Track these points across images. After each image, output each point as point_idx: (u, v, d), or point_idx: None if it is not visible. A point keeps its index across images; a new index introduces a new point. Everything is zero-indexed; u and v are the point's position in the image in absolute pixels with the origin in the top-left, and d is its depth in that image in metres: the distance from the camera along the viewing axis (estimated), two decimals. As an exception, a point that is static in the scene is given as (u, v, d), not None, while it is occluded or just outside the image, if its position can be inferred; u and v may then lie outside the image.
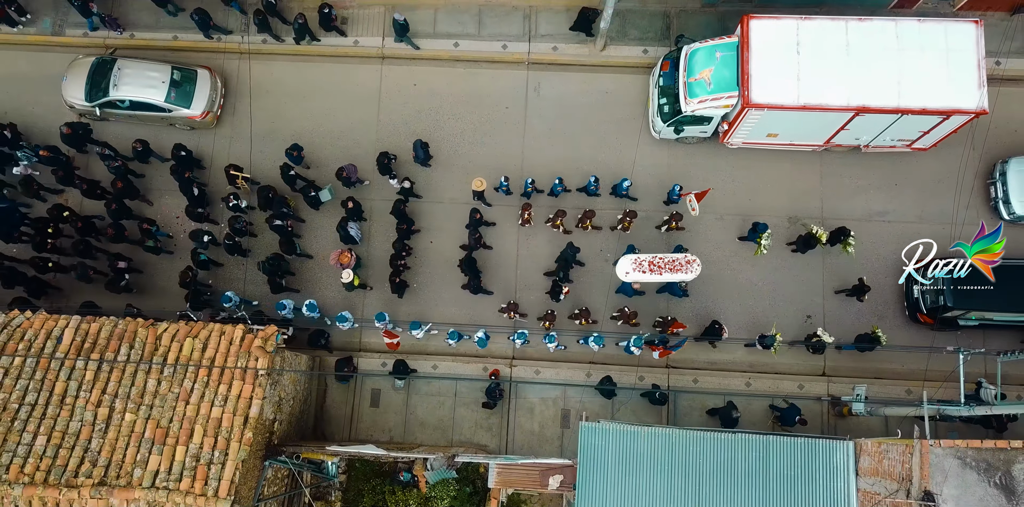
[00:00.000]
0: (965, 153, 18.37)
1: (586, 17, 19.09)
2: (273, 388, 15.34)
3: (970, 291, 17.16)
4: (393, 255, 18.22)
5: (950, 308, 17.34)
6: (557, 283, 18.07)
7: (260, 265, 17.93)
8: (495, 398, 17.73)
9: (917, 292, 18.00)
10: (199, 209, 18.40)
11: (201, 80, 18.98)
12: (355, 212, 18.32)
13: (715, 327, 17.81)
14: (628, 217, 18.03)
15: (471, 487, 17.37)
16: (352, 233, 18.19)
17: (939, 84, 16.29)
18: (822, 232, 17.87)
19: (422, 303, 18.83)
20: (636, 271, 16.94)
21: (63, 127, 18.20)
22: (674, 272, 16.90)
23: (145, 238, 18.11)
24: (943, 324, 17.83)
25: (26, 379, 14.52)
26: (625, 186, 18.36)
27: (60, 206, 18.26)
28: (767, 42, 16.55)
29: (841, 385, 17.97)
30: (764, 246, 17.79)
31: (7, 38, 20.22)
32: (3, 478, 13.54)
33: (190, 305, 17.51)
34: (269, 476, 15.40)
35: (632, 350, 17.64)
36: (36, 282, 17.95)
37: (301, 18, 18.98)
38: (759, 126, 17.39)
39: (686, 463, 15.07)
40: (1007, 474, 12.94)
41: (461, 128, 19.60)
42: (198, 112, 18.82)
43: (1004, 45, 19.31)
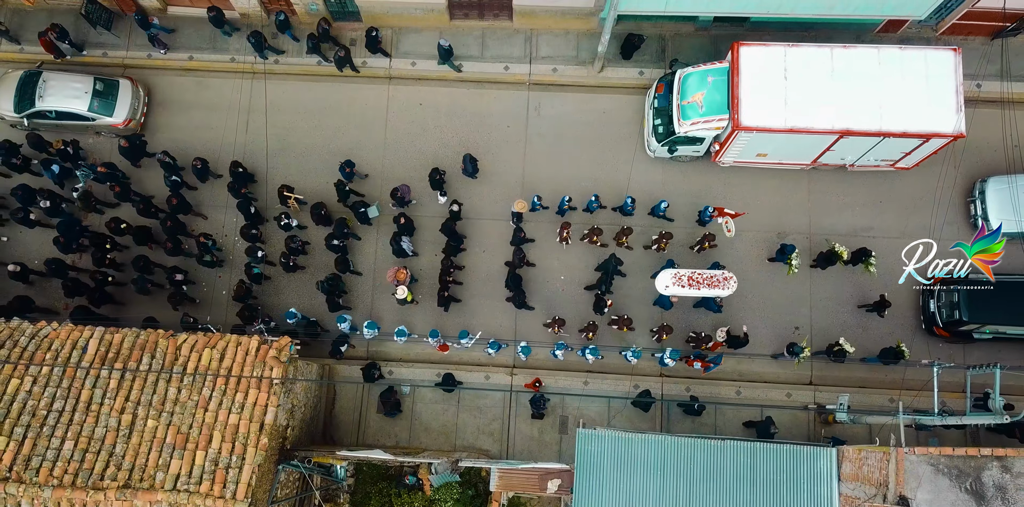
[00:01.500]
0: (946, 172, 19.31)
1: (632, 43, 19.94)
2: (287, 396, 16.19)
3: (985, 306, 18.04)
4: (442, 271, 18.98)
5: (966, 322, 18.11)
6: (600, 296, 18.80)
7: (319, 285, 18.74)
8: (541, 407, 18.51)
9: (934, 306, 18.80)
10: (254, 230, 19.19)
11: (123, 90, 19.83)
12: (407, 228, 19.08)
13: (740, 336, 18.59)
14: (664, 238, 18.84)
15: (473, 490, 18.19)
16: (404, 247, 18.93)
17: (919, 108, 17.16)
18: (843, 249, 18.68)
19: (466, 315, 19.53)
20: (675, 285, 17.62)
21: (121, 140, 19.10)
22: (712, 288, 17.62)
23: (202, 252, 18.92)
24: (958, 337, 18.63)
25: (54, 387, 15.34)
26: (663, 207, 19.12)
27: (118, 219, 19.09)
28: (756, 68, 17.42)
29: (827, 394, 18.81)
30: (795, 266, 18.64)
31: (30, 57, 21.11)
32: (33, 480, 14.36)
33: (241, 317, 18.41)
34: (282, 479, 16.23)
35: (666, 362, 18.45)
36: (98, 292, 18.80)
37: (342, 51, 19.86)
38: (749, 147, 18.26)
39: (678, 468, 15.85)
40: (977, 480, 13.78)
41: (465, 146, 20.45)
42: (120, 120, 19.68)
43: (984, 68, 20.25)
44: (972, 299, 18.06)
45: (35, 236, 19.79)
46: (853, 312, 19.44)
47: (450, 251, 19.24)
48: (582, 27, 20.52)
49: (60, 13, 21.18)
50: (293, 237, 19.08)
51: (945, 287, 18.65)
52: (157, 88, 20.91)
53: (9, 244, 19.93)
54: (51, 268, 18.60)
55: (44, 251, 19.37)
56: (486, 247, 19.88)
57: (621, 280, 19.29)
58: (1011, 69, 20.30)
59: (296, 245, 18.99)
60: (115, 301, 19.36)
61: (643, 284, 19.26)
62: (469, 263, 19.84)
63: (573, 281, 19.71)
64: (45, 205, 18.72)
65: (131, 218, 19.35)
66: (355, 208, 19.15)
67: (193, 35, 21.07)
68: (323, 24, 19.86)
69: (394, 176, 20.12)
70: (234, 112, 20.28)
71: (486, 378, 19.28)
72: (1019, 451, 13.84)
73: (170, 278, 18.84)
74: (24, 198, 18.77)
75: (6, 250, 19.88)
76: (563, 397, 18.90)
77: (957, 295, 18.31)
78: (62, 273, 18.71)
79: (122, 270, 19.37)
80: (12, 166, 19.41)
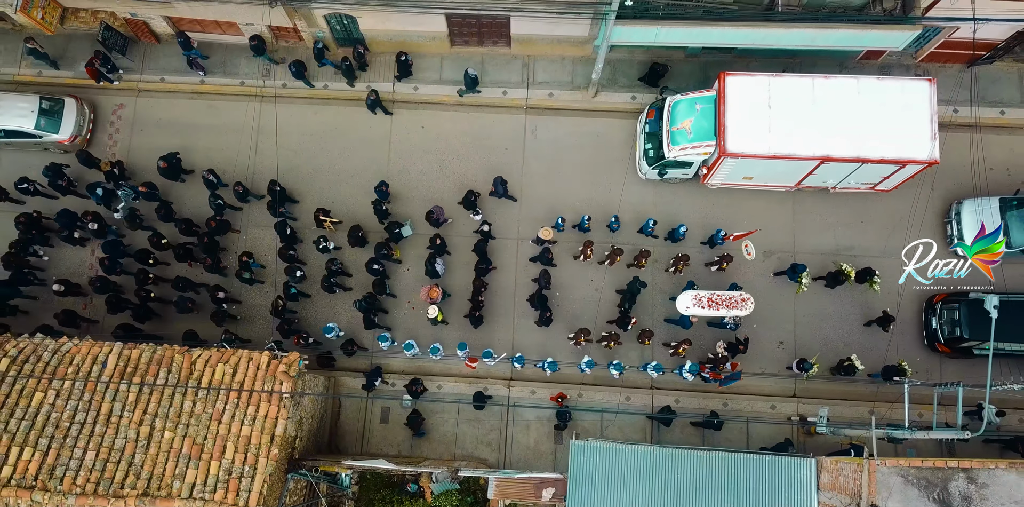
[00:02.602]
0: (924, 194, 20.23)
1: (656, 71, 20.76)
2: (296, 408, 17.07)
3: (985, 323, 18.33)
4: (473, 292, 19.87)
5: (966, 339, 18.95)
6: (625, 313, 19.70)
7: (357, 303, 19.60)
8: (566, 420, 19.41)
9: (936, 323, 19.64)
10: (291, 251, 20.06)
11: (68, 108, 20.78)
12: (441, 248, 19.98)
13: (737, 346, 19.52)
14: (681, 261, 19.70)
15: (472, 497, 19.06)
16: (438, 268, 19.82)
17: (895, 136, 18.06)
18: (850, 269, 19.57)
19: (495, 331, 20.43)
20: (696, 306, 18.49)
21: (159, 162, 20.02)
22: (730, 308, 18.50)
23: (242, 270, 19.79)
24: (959, 353, 19.45)
25: (75, 400, 16.24)
26: (682, 231, 19.99)
27: (158, 234, 20.01)
28: (741, 96, 18.31)
29: (810, 405, 19.69)
30: (805, 285, 19.52)
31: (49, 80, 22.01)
32: (58, 489, 15.26)
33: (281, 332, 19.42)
34: (291, 487, 17.10)
35: (685, 376, 19.39)
36: (141, 309, 19.74)
37: (373, 95, 20.84)
38: (735, 171, 19.18)
39: (666, 478, 16.69)
40: (944, 490, 14.68)
41: (465, 167, 21.37)
42: (66, 137, 20.63)
43: (961, 94, 21.19)
44: (972, 317, 18.82)
45: (74, 253, 20.83)
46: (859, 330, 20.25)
47: (480, 272, 20.12)
48: (577, 53, 21.44)
49: (78, 38, 22.09)
50: (333, 260, 19.94)
51: (947, 305, 19.53)
52: (169, 111, 21.80)
53: (50, 262, 20.83)
54: (96, 286, 19.54)
55: (85, 268, 20.44)
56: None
57: (642, 298, 20.15)
58: (986, 95, 21.27)
59: (336, 267, 19.85)
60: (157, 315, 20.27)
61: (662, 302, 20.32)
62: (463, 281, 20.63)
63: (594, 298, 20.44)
64: (92, 228, 19.67)
65: (171, 236, 20.33)
66: (390, 228, 20.04)
67: (203, 60, 21.95)
68: (359, 47, 20.73)
69: (398, 196, 21.01)
70: (243, 134, 21.14)
71: (484, 390, 20.15)
72: (983, 463, 14.75)
73: (212, 296, 19.71)
74: (66, 222, 19.74)
75: (48, 267, 20.78)
76: (556, 409, 19.79)
77: (958, 313, 19.11)
78: (107, 290, 19.63)
79: (163, 287, 20.26)
80: (59, 188, 20.37)
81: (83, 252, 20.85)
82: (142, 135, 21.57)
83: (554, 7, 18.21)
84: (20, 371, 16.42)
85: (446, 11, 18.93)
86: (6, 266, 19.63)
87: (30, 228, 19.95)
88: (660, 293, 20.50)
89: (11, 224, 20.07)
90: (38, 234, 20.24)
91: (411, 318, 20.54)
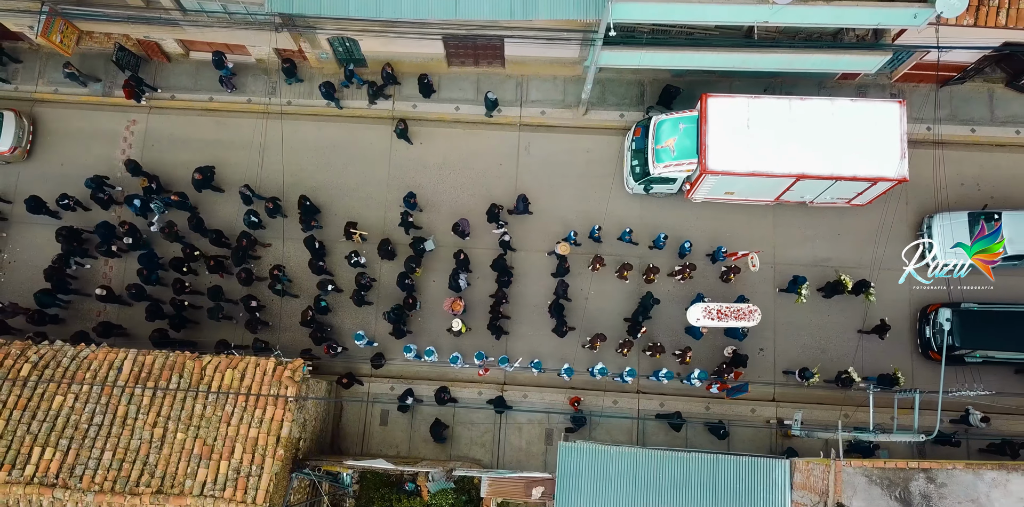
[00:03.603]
0: (898, 208, 21.26)
1: (670, 92, 21.71)
2: (300, 411, 18.12)
3: (975, 333, 19.85)
4: (493, 304, 20.91)
5: (957, 347, 19.94)
6: (637, 323, 20.75)
7: (386, 315, 20.63)
8: (581, 423, 20.50)
9: (929, 333, 20.65)
10: (320, 262, 21.13)
11: (7, 121, 21.80)
12: (465, 263, 21.02)
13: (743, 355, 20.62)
14: (688, 269, 20.85)
15: (467, 496, 20.08)
16: (460, 283, 20.86)
17: (867, 155, 19.08)
18: (848, 279, 20.60)
19: (511, 338, 21.46)
20: (705, 318, 19.45)
21: (195, 174, 21.10)
22: (738, 320, 19.49)
23: (274, 282, 20.83)
24: (952, 361, 20.31)
25: (93, 403, 17.30)
26: (687, 247, 21.10)
27: (192, 246, 21.13)
28: (722, 117, 19.31)
29: (787, 409, 20.72)
30: (804, 296, 20.57)
31: (65, 98, 23.11)
32: (77, 487, 16.31)
33: (313, 339, 20.60)
34: (295, 485, 18.17)
35: (694, 382, 20.41)
36: (176, 317, 20.84)
37: (402, 124, 21.83)
38: (716, 187, 20.22)
39: (649, 478, 17.70)
40: (905, 489, 15.72)
41: (462, 182, 22.42)
42: (6, 148, 21.70)
43: (934, 113, 22.22)
44: (963, 326, 19.84)
45: (114, 263, 21.93)
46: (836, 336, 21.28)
47: (501, 285, 21.14)
48: (568, 73, 22.49)
49: (91, 57, 23.14)
50: (362, 274, 20.99)
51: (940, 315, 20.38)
52: (180, 127, 22.85)
53: (91, 271, 21.95)
54: (133, 295, 20.69)
55: (125, 277, 21.54)
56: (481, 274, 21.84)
57: (655, 310, 21.17)
58: (958, 114, 22.33)
59: (365, 281, 20.89)
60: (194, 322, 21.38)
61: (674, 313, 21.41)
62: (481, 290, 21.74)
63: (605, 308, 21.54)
64: (128, 241, 20.80)
65: (203, 246, 21.47)
66: (414, 244, 21.08)
67: (212, 78, 22.96)
68: (387, 68, 21.78)
69: (396, 207, 22.05)
70: (250, 149, 22.15)
71: (479, 394, 21.21)
72: (941, 464, 15.80)
73: (246, 305, 20.77)
74: (104, 234, 20.86)
75: (89, 277, 21.89)
76: (548, 410, 20.85)
77: (950, 322, 20.04)
78: (143, 299, 20.80)
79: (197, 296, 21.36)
80: (100, 201, 21.48)
81: (97, 262, 21.92)
82: (153, 150, 22.61)
83: (546, 32, 19.24)
84: (41, 376, 17.48)
85: (443, 34, 19.95)
86: (48, 278, 20.74)
87: (71, 240, 21.08)
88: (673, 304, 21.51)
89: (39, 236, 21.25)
90: (78, 246, 21.35)
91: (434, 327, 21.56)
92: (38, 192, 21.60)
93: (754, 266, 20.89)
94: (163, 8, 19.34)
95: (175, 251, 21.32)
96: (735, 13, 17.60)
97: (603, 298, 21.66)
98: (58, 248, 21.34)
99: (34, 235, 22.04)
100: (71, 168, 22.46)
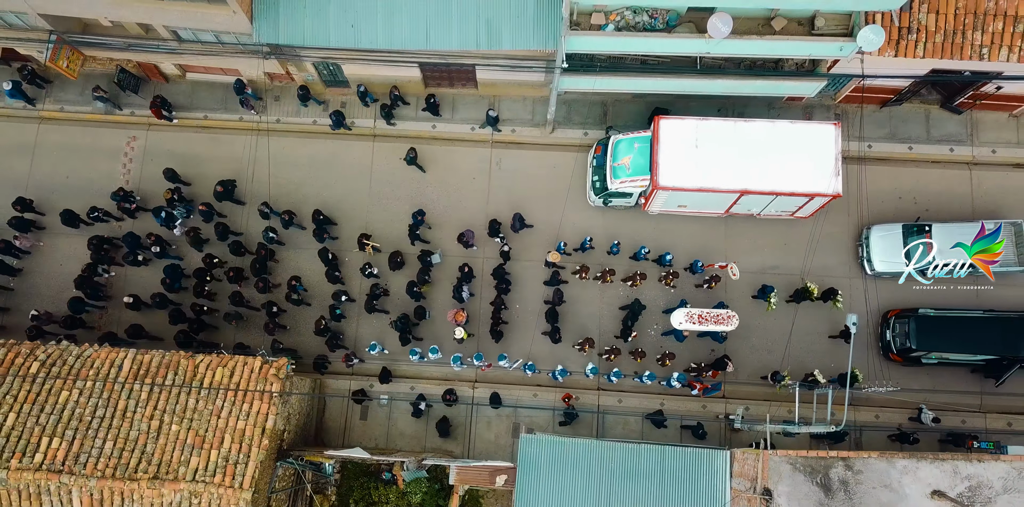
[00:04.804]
0: (840, 219, 23.05)
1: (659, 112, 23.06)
2: (284, 406, 19.87)
3: (931, 336, 21.54)
4: (494, 311, 22.61)
5: (915, 349, 21.67)
6: (628, 328, 22.49)
7: (393, 324, 22.38)
8: (572, 418, 22.23)
9: (889, 336, 22.35)
10: (336, 272, 22.89)
11: None
12: (468, 276, 22.74)
13: (723, 361, 22.22)
14: (672, 276, 22.62)
15: (439, 484, 21.82)
16: (464, 294, 22.60)
17: (804, 173, 20.79)
18: (814, 287, 22.25)
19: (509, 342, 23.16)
20: (687, 322, 21.04)
21: (216, 186, 22.90)
22: (718, 324, 21.11)
23: (291, 292, 22.68)
24: (910, 362, 22.16)
25: (96, 398, 18.99)
26: (668, 259, 22.82)
27: (211, 255, 22.95)
28: (672, 137, 21.00)
29: (735, 405, 22.42)
30: (773, 303, 22.26)
31: (71, 116, 24.89)
32: (82, 473, 18.02)
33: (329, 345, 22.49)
34: (280, 474, 19.91)
35: (674, 384, 22.02)
36: (196, 321, 22.68)
37: (412, 152, 23.46)
38: (669, 201, 21.99)
39: (602, 467, 19.41)
40: (825, 476, 17.51)
41: (439, 194, 24.19)
42: None
43: (874, 132, 24.04)
44: (920, 330, 21.58)
45: (138, 272, 23.62)
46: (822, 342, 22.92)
47: (500, 292, 22.85)
48: (536, 94, 24.26)
49: (95, 77, 24.87)
50: (376, 285, 22.73)
51: (899, 320, 22.18)
52: (177, 143, 24.59)
53: (116, 280, 23.73)
54: (156, 302, 22.50)
55: (147, 285, 23.19)
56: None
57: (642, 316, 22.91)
58: (896, 133, 24.12)
59: (378, 291, 22.64)
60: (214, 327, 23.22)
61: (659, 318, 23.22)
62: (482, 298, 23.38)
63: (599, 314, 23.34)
64: (155, 250, 22.59)
65: (223, 255, 23.25)
66: (422, 257, 22.81)
67: (207, 98, 24.79)
68: (394, 91, 23.53)
69: (378, 219, 23.82)
70: (242, 163, 23.95)
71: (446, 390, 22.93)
72: (858, 453, 17.59)
73: (267, 311, 22.61)
74: (132, 244, 22.67)
75: (115, 285, 23.68)
76: (516, 408, 22.60)
77: (908, 327, 21.79)
78: (166, 306, 22.64)
79: (216, 300, 23.21)
80: (127, 211, 23.29)
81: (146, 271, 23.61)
82: (153, 165, 24.31)
83: (511, 60, 21.03)
84: (49, 373, 19.21)
85: (418, 61, 21.75)
86: (78, 286, 22.56)
87: (100, 249, 22.87)
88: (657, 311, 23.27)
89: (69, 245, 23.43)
90: (105, 255, 23.13)
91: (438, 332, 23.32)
92: (43, 203, 23.37)
93: (734, 275, 22.45)
94: (161, 39, 21.13)
95: (197, 261, 23.13)
96: (677, 45, 19.40)
97: (594, 304, 23.39)
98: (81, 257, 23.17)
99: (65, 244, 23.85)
100: (76, 180, 24.25)
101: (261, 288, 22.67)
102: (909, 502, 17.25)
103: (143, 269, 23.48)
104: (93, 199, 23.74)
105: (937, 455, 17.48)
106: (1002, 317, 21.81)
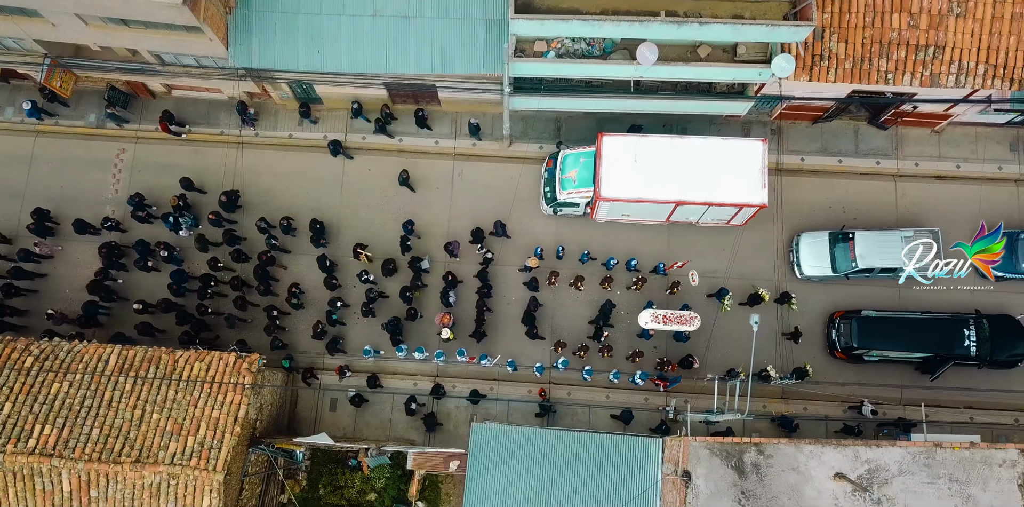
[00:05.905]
0: (774, 227, 24.97)
1: (633, 129, 25.10)
2: (256, 397, 21.78)
3: (871, 335, 23.31)
4: (478, 313, 24.46)
5: (856, 348, 23.48)
6: (599, 328, 24.35)
7: (384, 326, 24.23)
8: (549, 410, 24.08)
9: (834, 335, 24.14)
10: (334, 280, 24.78)
11: None
12: (453, 283, 24.65)
13: (688, 359, 24.05)
14: (641, 281, 24.57)
15: (401, 470, 23.72)
16: (450, 299, 24.49)
17: (734, 185, 22.70)
18: (765, 293, 24.12)
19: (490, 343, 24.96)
20: (653, 322, 22.66)
21: (220, 196, 24.81)
22: (681, 324, 22.87)
23: (291, 298, 24.61)
24: (853, 359, 23.90)
25: (84, 389, 20.84)
26: (633, 264, 24.68)
27: (215, 259, 24.84)
28: (614, 152, 22.88)
29: (674, 398, 24.36)
30: (727, 305, 24.15)
31: (64, 129, 26.82)
32: (71, 457, 19.91)
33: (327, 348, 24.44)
34: (252, 459, 21.81)
35: (637, 381, 23.84)
36: (200, 323, 24.62)
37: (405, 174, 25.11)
38: (612, 210, 23.92)
39: (545, 454, 21.21)
40: (739, 459, 19.42)
41: (404, 203, 26.12)
42: None
43: (807, 146, 25.98)
44: (861, 330, 23.39)
45: (144, 277, 25.51)
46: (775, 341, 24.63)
47: (483, 295, 24.68)
48: (495, 111, 26.12)
49: (87, 93, 26.81)
50: (370, 290, 24.62)
51: (843, 320, 23.97)
52: (163, 155, 26.51)
53: (123, 285, 25.64)
54: (163, 306, 24.41)
55: (153, 289, 25.05)
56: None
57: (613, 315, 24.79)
58: (828, 147, 26.06)
59: (373, 296, 24.51)
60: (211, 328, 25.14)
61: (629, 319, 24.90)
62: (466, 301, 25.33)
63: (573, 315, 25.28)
64: (164, 255, 24.42)
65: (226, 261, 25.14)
66: (412, 263, 24.67)
67: (191, 112, 26.74)
68: (385, 109, 25.35)
69: (353, 225, 25.71)
70: (223, 175, 25.90)
71: (414, 385, 24.91)
72: (769, 440, 19.51)
73: (268, 313, 24.51)
74: (142, 251, 24.53)
75: (122, 289, 25.58)
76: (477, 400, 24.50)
77: (850, 327, 23.58)
78: (172, 309, 24.54)
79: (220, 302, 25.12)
80: (139, 218, 25.14)
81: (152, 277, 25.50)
82: (140, 175, 26.27)
83: (467, 82, 22.98)
84: (42, 366, 21.11)
85: (383, 82, 23.70)
86: (91, 291, 24.47)
87: (111, 256, 24.75)
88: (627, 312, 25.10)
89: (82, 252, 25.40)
90: (116, 260, 25.00)
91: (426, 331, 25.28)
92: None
93: (694, 281, 24.21)
94: (146, 62, 23.10)
95: (203, 265, 25.02)
96: (612, 71, 21.36)
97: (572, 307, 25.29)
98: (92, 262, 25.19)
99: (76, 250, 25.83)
100: (69, 191, 26.19)
101: (263, 292, 24.59)
102: (814, 483, 19.13)
103: (151, 274, 25.41)
104: (88, 207, 25.70)
105: (840, 441, 19.38)
106: (937, 318, 23.62)
